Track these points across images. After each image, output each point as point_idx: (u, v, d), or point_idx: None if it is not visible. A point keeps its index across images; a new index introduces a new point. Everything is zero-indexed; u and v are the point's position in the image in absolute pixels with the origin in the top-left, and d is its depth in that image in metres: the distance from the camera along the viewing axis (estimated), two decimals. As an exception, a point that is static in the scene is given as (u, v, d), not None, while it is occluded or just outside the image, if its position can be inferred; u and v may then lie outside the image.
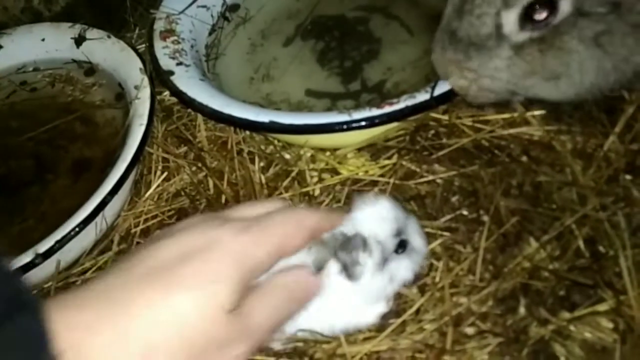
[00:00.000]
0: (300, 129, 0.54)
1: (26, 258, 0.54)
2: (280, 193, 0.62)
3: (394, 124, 0.58)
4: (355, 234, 0.44)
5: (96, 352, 0.35)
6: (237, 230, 0.41)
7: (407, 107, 0.52)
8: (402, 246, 0.46)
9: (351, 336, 0.46)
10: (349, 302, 0.46)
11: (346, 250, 0.44)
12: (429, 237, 0.53)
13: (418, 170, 0.58)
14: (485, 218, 0.51)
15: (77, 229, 0.56)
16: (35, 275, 0.58)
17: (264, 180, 0.63)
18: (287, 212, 0.44)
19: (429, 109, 0.54)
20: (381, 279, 0.45)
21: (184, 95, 0.60)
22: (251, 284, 0.41)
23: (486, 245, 0.49)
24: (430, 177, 0.56)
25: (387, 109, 0.52)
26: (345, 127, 0.53)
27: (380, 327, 0.48)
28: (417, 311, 0.48)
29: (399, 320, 0.46)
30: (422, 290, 0.49)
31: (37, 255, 0.54)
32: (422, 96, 0.53)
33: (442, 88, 0.53)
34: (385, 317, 0.48)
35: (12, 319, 0.33)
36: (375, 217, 0.46)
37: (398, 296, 0.50)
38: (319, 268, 0.44)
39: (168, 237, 0.41)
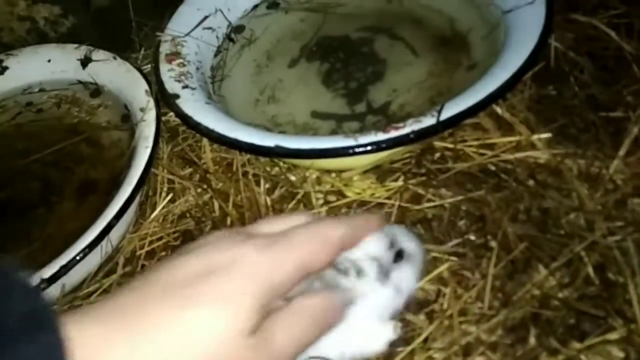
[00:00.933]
0: (306, 154, 0.54)
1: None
2: (286, 215, 0.62)
3: (398, 149, 0.58)
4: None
5: None
6: (261, 247, 0.39)
7: (413, 132, 0.52)
8: (399, 256, 0.45)
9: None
10: (358, 326, 0.45)
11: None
12: (436, 262, 0.52)
13: (424, 193, 0.57)
14: (493, 244, 0.51)
15: (82, 254, 0.56)
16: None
17: (269, 202, 0.63)
18: (313, 227, 0.42)
19: (436, 133, 0.54)
20: (387, 292, 0.45)
21: (190, 119, 0.60)
22: (275, 305, 0.39)
23: (495, 272, 0.48)
24: (437, 202, 0.56)
25: (393, 133, 0.52)
26: (351, 151, 0.52)
27: (388, 355, 0.47)
28: (426, 339, 0.47)
29: (408, 349, 0.46)
30: (430, 317, 0.49)
31: (42, 281, 0.54)
32: (429, 120, 0.53)
33: (448, 112, 0.53)
34: (393, 345, 0.48)
35: (31, 335, 0.31)
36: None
37: (405, 324, 0.49)
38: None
39: (187, 253, 0.40)
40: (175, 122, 0.72)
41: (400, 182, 0.59)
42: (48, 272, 0.55)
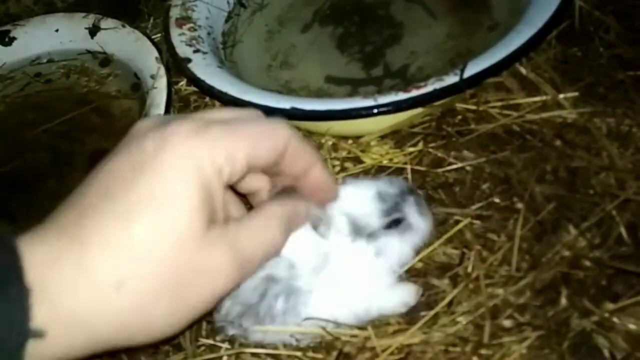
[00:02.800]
0: (324, 115, 0.52)
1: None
2: (302, 183, 0.60)
3: (420, 110, 0.56)
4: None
5: (63, 288, 0.32)
6: (194, 128, 0.35)
7: (435, 91, 0.50)
8: (395, 224, 0.44)
9: (380, 328, 0.44)
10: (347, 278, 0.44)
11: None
12: (461, 226, 0.51)
13: (445, 157, 0.55)
14: (519, 205, 0.49)
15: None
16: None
17: (284, 170, 0.62)
18: (263, 119, 0.40)
19: (459, 92, 0.52)
20: (365, 249, 0.44)
21: (202, 82, 0.58)
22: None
23: (522, 233, 0.47)
24: (459, 164, 0.54)
25: (415, 92, 0.50)
26: (370, 112, 0.50)
27: (410, 319, 0.46)
28: (450, 303, 0.45)
29: (432, 313, 0.44)
30: (454, 281, 0.47)
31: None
32: (451, 79, 0.51)
33: (471, 70, 0.51)
34: (416, 310, 0.46)
35: None
36: (348, 198, 0.44)
37: (429, 287, 0.48)
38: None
39: (117, 150, 0.36)
40: (187, 91, 0.70)
41: (419, 147, 0.57)
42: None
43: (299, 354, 0.44)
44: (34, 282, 0.32)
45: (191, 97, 0.70)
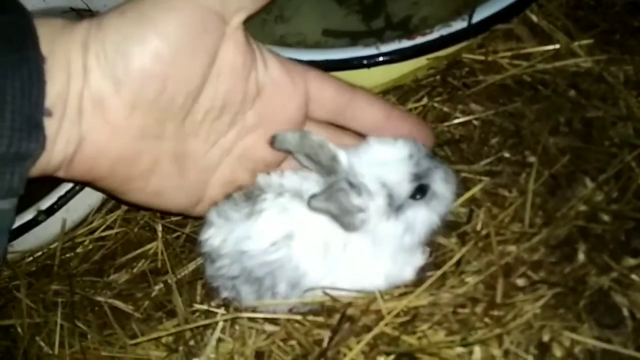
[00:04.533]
0: (322, 66, 0.49)
1: (28, 215, 0.50)
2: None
3: (424, 61, 0.52)
4: (337, 178, 0.40)
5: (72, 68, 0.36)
6: None
7: (442, 37, 0.46)
8: (420, 191, 0.41)
9: (387, 291, 0.42)
10: (363, 259, 0.41)
11: (330, 199, 0.39)
12: (467, 183, 0.48)
13: (451, 111, 0.52)
14: (532, 159, 0.46)
15: (80, 185, 0.51)
16: (40, 236, 0.54)
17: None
18: None
19: (467, 38, 0.48)
20: (395, 227, 0.41)
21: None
22: None
23: (534, 188, 0.44)
24: (466, 118, 0.51)
25: (420, 39, 0.47)
26: (373, 61, 0.47)
27: (417, 281, 0.43)
28: (458, 262, 0.43)
29: (439, 273, 0.42)
30: (462, 239, 0.45)
31: (40, 212, 0.50)
32: (459, 24, 0.47)
33: (480, 15, 0.47)
34: (423, 270, 0.43)
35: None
36: (383, 158, 0.41)
37: (436, 247, 0.45)
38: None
39: None
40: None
41: (424, 101, 0.54)
42: (46, 203, 0.51)
43: (299, 317, 0.41)
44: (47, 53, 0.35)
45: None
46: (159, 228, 0.53)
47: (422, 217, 0.42)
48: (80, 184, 0.51)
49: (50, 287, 0.51)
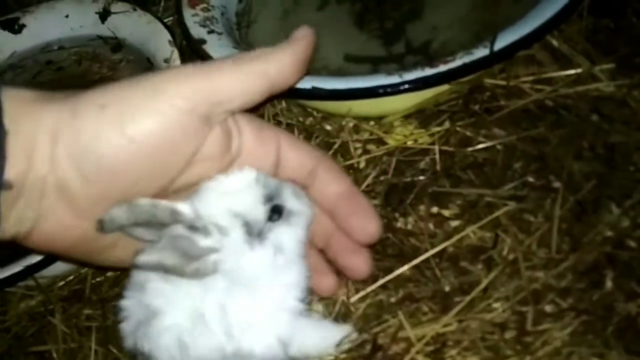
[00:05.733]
0: (347, 94, 0.50)
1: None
2: (323, 167, 0.58)
3: (447, 87, 0.53)
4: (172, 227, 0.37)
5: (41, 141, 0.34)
6: None
7: (464, 65, 0.47)
8: (276, 212, 0.40)
9: (413, 317, 0.42)
10: (251, 301, 0.39)
11: (165, 249, 0.37)
12: (492, 208, 0.48)
13: (474, 136, 0.53)
14: (557, 184, 0.46)
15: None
16: (62, 267, 0.55)
17: (305, 154, 0.59)
18: None
19: (489, 65, 0.49)
20: (263, 253, 0.39)
21: (218, 64, 0.55)
22: None
23: (560, 213, 0.44)
24: (489, 143, 0.51)
25: (442, 67, 0.48)
26: (396, 89, 0.48)
27: (444, 306, 0.44)
28: (485, 288, 0.43)
29: (467, 299, 0.42)
30: (488, 265, 0.45)
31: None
32: (481, 52, 0.48)
33: (502, 42, 0.48)
34: (448, 296, 0.44)
35: None
36: (230, 189, 0.40)
37: (461, 272, 0.46)
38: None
39: None
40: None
41: (446, 126, 0.55)
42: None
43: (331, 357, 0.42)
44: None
45: (206, 81, 0.68)
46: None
47: (287, 236, 0.41)
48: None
49: (83, 312, 0.52)
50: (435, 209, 0.51)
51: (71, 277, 0.57)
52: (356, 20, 0.66)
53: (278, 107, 0.62)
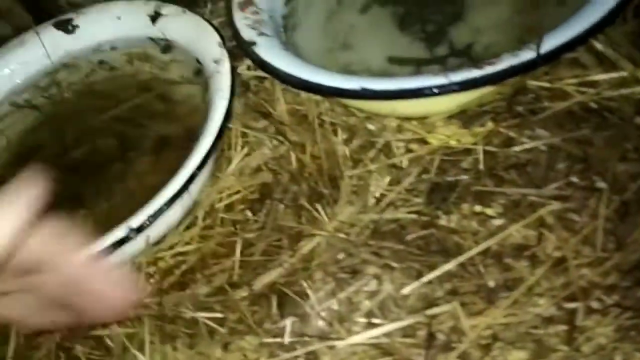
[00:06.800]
0: (394, 95, 0.51)
1: (120, 233, 0.54)
2: (366, 165, 0.60)
3: (489, 89, 0.54)
4: None
5: None
6: None
7: (510, 67, 0.48)
8: None
9: (467, 307, 0.44)
10: None
11: None
12: (535, 207, 0.49)
13: (517, 136, 0.54)
14: (601, 184, 0.47)
15: (167, 204, 0.55)
16: (126, 252, 0.58)
17: (347, 153, 0.61)
18: None
19: (535, 68, 0.50)
20: None
21: (269, 65, 0.58)
22: None
23: (605, 213, 0.45)
24: (533, 144, 0.53)
25: (489, 69, 0.49)
26: (444, 90, 0.49)
27: (488, 301, 0.45)
28: (530, 285, 0.45)
29: (514, 294, 0.43)
30: (532, 262, 0.46)
31: (131, 230, 0.54)
32: (526, 55, 0.49)
33: (548, 45, 0.49)
34: (493, 292, 0.45)
35: None
36: None
37: (505, 269, 0.47)
38: None
39: None
40: (247, 76, 0.71)
41: (489, 126, 0.56)
42: (135, 222, 0.55)
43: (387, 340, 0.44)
44: None
45: (251, 82, 0.71)
46: (239, 245, 0.57)
47: None
48: (169, 203, 0.55)
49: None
50: (478, 208, 0.52)
51: (125, 268, 0.60)
52: (398, 23, 0.68)
53: (322, 107, 0.65)
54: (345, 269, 0.52)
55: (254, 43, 0.61)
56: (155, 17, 0.74)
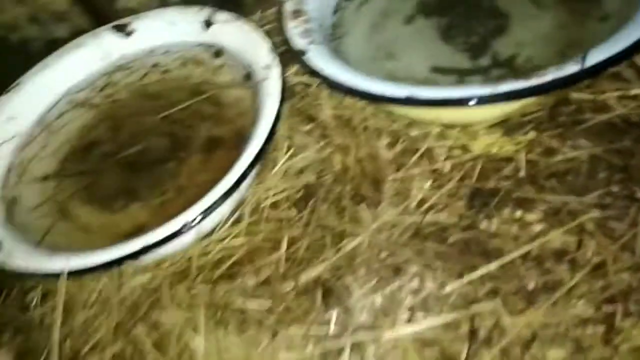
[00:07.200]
0: (440, 103, 0.54)
1: (177, 226, 0.58)
2: (408, 169, 0.62)
3: (532, 99, 0.56)
4: None
5: None
6: None
7: (557, 80, 0.51)
8: None
9: (508, 306, 0.46)
10: None
11: None
12: (575, 214, 0.51)
13: (559, 146, 0.56)
14: (641, 194, 0.49)
15: (222, 199, 0.59)
16: (177, 244, 0.62)
17: (390, 157, 0.64)
18: None
19: (579, 81, 0.52)
20: None
21: (320, 72, 0.61)
22: None
23: (645, 221, 0.47)
24: (574, 153, 0.55)
25: (535, 81, 0.51)
26: (489, 100, 0.52)
27: (528, 302, 0.47)
28: (570, 288, 0.46)
29: (556, 295, 0.45)
30: (572, 266, 0.48)
31: (186, 224, 0.58)
32: (571, 68, 0.51)
33: (593, 59, 0.51)
34: (534, 294, 0.47)
35: None
36: None
37: (545, 272, 0.49)
38: None
39: None
40: (294, 81, 0.74)
41: (531, 135, 0.58)
42: (191, 215, 0.58)
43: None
44: None
45: (297, 87, 0.74)
46: (285, 240, 0.60)
47: None
48: (222, 200, 0.59)
49: (190, 289, 0.58)
50: (519, 213, 0.54)
51: (178, 258, 0.63)
52: (442, 34, 0.70)
53: (367, 112, 0.67)
54: (388, 267, 0.54)
55: (305, 51, 0.64)
56: (208, 23, 0.78)
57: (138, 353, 0.54)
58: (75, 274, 0.58)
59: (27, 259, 0.59)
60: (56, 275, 0.59)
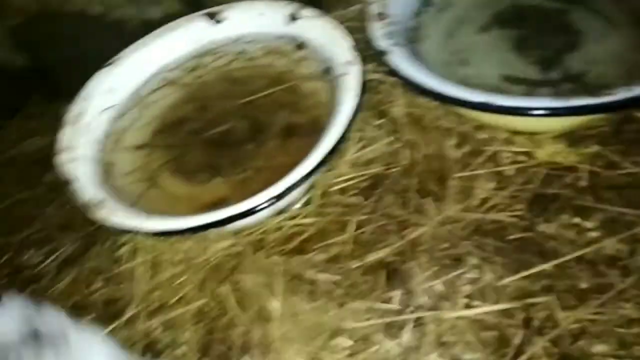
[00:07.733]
0: (512, 111, 0.58)
1: (261, 199, 0.64)
2: (474, 169, 0.67)
3: (601, 115, 0.60)
4: None
5: None
6: None
7: (626, 99, 0.54)
8: (35, 337, 0.38)
9: (561, 301, 0.50)
10: None
11: None
12: (631, 225, 0.55)
13: (620, 160, 0.60)
14: (697, 212, 0.52)
15: (299, 182, 0.64)
16: (255, 217, 0.68)
17: (458, 156, 0.69)
18: None
19: (647, 102, 0.56)
20: None
21: (401, 72, 0.66)
22: None
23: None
24: (635, 169, 0.58)
25: (606, 99, 0.55)
26: (561, 112, 0.56)
27: (579, 300, 0.51)
28: (620, 291, 0.51)
29: (605, 296, 0.50)
30: (623, 271, 0.52)
31: (271, 199, 0.64)
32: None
33: (663, 83, 0.54)
34: (585, 293, 0.52)
35: None
36: None
37: (598, 275, 0.53)
38: None
39: None
40: (369, 77, 0.79)
41: (594, 148, 0.62)
42: (275, 191, 0.64)
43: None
44: None
45: (371, 84, 0.79)
46: (353, 223, 0.65)
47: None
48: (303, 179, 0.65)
49: (269, 256, 0.64)
50: (576, 220, 0.58)
51: (254, 230, 0.70)
52: (515, 45, 0.74)
53: (438, 112, 0.72)
54: (450, 257, 0.60)
55: (388, 51, 0.69)
56: (293, 17, 0.83)
57: (222, 308, 0.61)
58: (165, 234, 0.66)
59: (125, 218, 0.67)
60: (149, 234, 0.66)
